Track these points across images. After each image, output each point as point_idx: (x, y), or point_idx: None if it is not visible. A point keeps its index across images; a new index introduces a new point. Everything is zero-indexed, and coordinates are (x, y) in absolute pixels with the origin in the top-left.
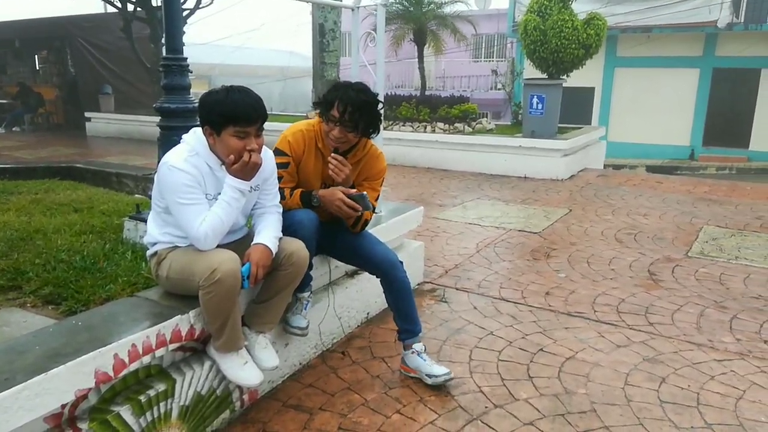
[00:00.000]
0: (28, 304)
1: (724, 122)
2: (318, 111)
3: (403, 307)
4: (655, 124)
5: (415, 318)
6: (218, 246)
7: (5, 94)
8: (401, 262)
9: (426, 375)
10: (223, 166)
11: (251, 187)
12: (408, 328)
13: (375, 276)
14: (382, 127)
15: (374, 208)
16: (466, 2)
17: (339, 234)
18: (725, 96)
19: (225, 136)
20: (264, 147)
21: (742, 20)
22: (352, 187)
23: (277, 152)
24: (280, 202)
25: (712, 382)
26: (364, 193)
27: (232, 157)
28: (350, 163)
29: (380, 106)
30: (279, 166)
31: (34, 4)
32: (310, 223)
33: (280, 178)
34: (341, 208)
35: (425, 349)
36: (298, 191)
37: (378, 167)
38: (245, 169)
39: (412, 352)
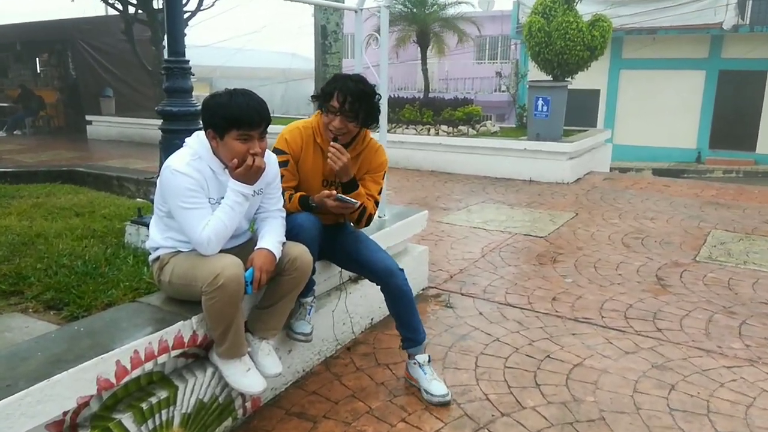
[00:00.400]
0: (30, 310)
1: (730, 125)
2: (317, 104)
3: (404, 315)
4: (661, 127)
5: (417, 326)
6: (221, 251)
7: (6, 98)
8: (402, 270)
9: (424, 390)
10: (226, 170)
11: (254, 191)
12: (410, 337)
13: (374, 283)
14: (384, 121)
15: (377, 203)
16: (470, 2)
17: (339, 239)
18: (731, 98)
19: (228, 140)
20: (267, 151)
21: (748, 22)
22: (354, 181)
23: (276, 151)
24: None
25: (721, 389)
26: (339, 195)
27: (235, 161)
28: (350, 157)
29: (378, 97)
30: (279, 164)
31: (36, 6)
32: (312, 227)
33: (281, 178)
34: (334, 205)
35: (429, 360)
36: (297, 195)
37: (378, 159)
38: (249, 173)
39: (414, 363)
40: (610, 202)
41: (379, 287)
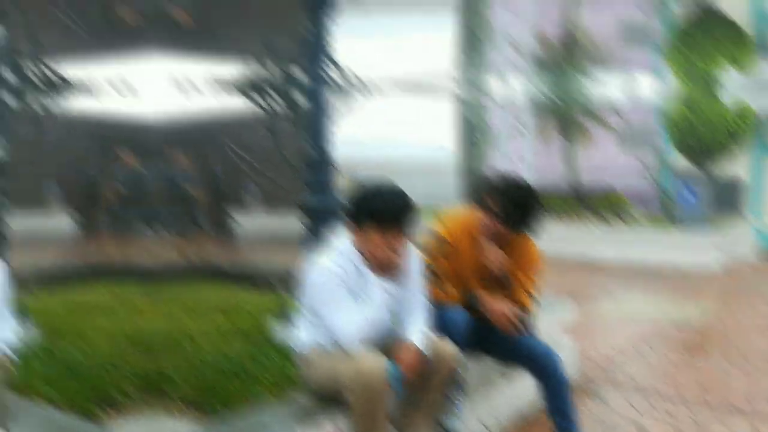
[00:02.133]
0: (174, 410)
1: None
2: (477, 197)
3: (561, 406)
4: None
5: (574, 418)
6: (366, 346)
7: None
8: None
9: None
10: (369, 265)
11: (397, 286)
12: (567, 427)
13: (531, 372)
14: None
15: (532, 297)
16: (612, 94)
17: (494, 329)
18: None
19: (369, 232)
20: (410, 244)
21: None
22: (506, 278)
23: (437, 239)
24: (435, 295)
25: None
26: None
27: (375, 256)
28: (505, 253)
29: (541, 207)
30: (437, 253)
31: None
32: (463, 322)
33: (438, 266)
34: (501, 320)
35: None
36: (458, 292)
37: (533, 258)
38: (387, 268)
39: None
40: (758, 291)
41: (536, 376)
